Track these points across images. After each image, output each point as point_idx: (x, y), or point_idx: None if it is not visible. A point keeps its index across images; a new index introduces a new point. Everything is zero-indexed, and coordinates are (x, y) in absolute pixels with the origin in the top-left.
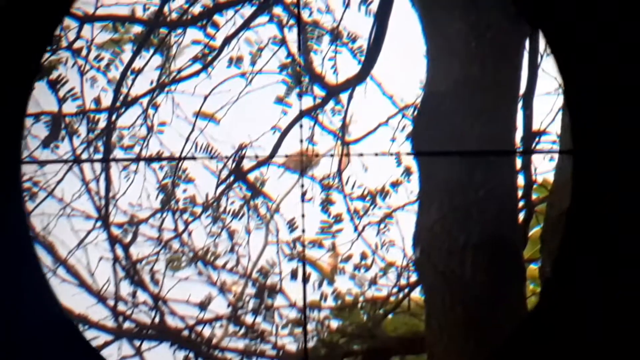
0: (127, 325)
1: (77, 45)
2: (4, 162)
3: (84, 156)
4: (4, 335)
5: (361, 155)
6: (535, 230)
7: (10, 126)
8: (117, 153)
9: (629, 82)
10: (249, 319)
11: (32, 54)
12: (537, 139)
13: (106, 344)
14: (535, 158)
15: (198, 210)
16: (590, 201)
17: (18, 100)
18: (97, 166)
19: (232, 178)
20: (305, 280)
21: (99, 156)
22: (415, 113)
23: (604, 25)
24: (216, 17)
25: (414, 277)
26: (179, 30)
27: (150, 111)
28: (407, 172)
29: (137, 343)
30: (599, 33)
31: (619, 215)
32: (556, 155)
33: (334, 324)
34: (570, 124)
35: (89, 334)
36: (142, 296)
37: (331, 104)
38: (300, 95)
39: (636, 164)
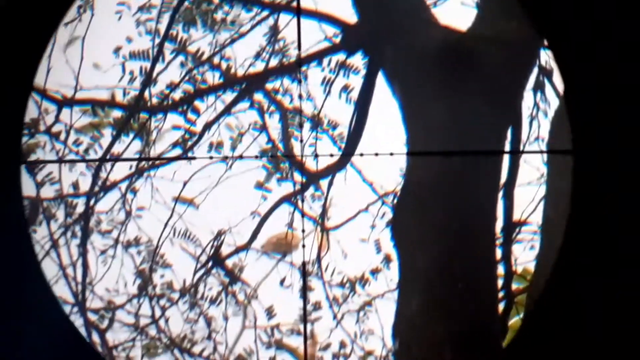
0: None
1: (55, 129)
2: (4, 162)
3: (61, 242)
4: (4, 335)
5: (338, 242)
6: (515, 320)
7: (10, 126)
8: (95, 237)
9: (628, 81)
10: None
11: (32, 54)
12: (517, 229)
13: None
14: (515, 248)
15: (175, 296)
16: (590, 201)
17: (18, 100)
18: (74, 251)
19: (210, 264)
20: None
21: (76, 241)
22: (396, 201)
23: (603, 25)
24: (197, 103)
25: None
26: (159, 116)
27: (129, 196)
28: (387, 259)
29: None
30: (598, 32)
31: (619, 215)
32: (537, 245)
33: None
34: (570, 124)
35: None
36: None
37: (311, 190)
38: (280, 181)
39: (636, 164)
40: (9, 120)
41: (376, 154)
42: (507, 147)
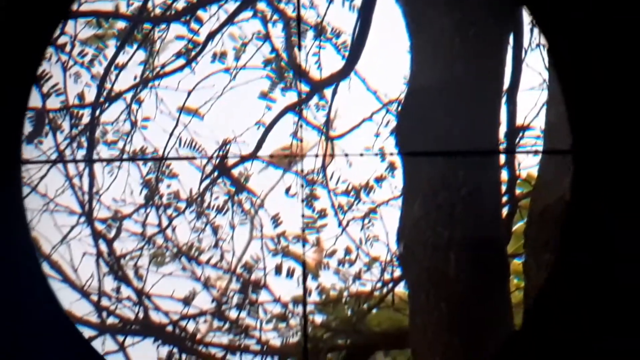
0: (110, 320)
1: (60, 41)
2: (4, 162)
3: (68, 152)
4: (4, 334)
5: (346, 155)
6: (519, 225)
7: (10, 126)
8: (101, 148)
9: (628, 80)
10: (233, 314)
11: (32, 54)
12: (521, 135)
13: (90, 339)
14: (520, 155)
15: (182, 205)
16: (590, 201)
17: (18, 100)
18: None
19: (216, 173)
20: (305, 282)
21: (82, 152)
22: (399, 108)
23: (603, 23)
24: (200, 13)
25: (398, 272)
26: (163, 26)
27: (134, 106)
28: (392, 167)
29: (120, 338)
30: (598, 31)
31: (620, 215)
32: (540, 149)
33: (318, 319)
34: (570, 123)
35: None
36: (126, 291)
37: (315, 99)
38: (284, 91)
39: (636, 164)
40: (9, 120)
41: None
42: (510, 54)
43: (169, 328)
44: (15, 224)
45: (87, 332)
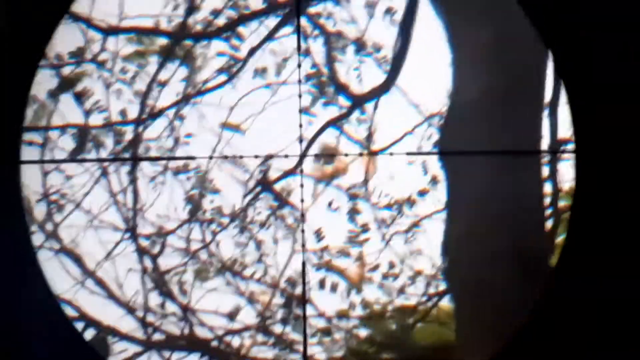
0: (156, 336)
1: (102, 57)
2: (3, 162)
3: (111, 169)
4: (3, 334)
5: (391, 154)
6: (561, 238)
7: (10, 127)
8: (144, 165)
9: (629, 81)
10: (277, 328)
11: (31, 56)
12: (562, 147)
13: (135, 356)
14: (561, 166)
15: (225, 220)
16: (593, 200)
17: (18, 101)
18: (124, 178)
19: (258, 188)
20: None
21: (126, 168)
22: (441, 122)
23: (604, 24)
24: (240, 29)
25: (442, 286)
26: (204, 42)
27: (177, 122)
28: (434, 180)
29: (166, 354)
30: (599, 32)
31: (621, 215)
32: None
33: (363, 333)
34: (572, 124)
35: (119, 346)
36: (170, 307)
37: (356, 113)
38: (325, 105)
39: (637, 164)
40: (9, 120)
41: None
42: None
43: (214, 343)
44: (15, 224)
45: (132, 349)
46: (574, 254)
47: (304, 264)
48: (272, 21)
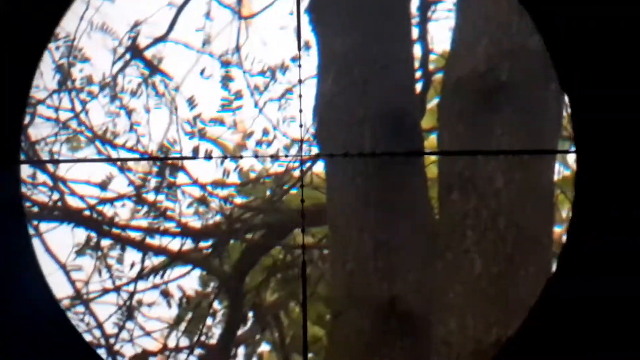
0: (27, 205)
1: None
2: (4, 162)
3: None
4: (2, 334)
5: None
6: (434, 102)
7: (10, 126)
8: None
9: (629, 81)
10: (151, 197)
11: (31, 54)
12: (433, 8)
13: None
14: (431, 27)
15: (95, 89)
16: (593, 201)
17: (18, 100)
18: None
19: (128, 55)
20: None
21: None
22: None
23: (604, 24)
24: None
25: (315, 151)
26: None
27: None
28: (306, 46)
29: (36, 224)
30: (599, 31)
31: (621, 215)
32: (453, 24)
33: (238, 200)
34: (572, 123)
35: None
36: (41, 177)
37: None
38: None
39: (637, 164)
40: (9, 120)
41: None
42: None
43: (87, 212)
44: (14, 224)
45: None
46: (574, 254)
47: (304, 264)
48: None
